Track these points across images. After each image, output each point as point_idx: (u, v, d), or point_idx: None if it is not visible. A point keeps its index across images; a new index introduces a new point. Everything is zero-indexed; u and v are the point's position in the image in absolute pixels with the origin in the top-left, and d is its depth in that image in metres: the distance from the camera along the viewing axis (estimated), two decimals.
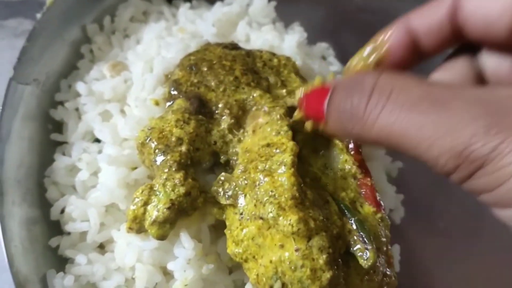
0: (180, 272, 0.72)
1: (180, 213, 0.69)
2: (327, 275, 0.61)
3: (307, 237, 0.62)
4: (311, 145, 0.76)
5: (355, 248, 0.65)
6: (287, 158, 0.68)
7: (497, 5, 0.53)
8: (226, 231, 0.70)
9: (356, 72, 0.63)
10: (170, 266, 0.72)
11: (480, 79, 0.61)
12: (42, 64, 0.91)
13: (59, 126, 0.90)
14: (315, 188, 0.70)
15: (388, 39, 0.63)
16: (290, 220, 0.62)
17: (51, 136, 0.88)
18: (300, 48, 0.96)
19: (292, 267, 0.61)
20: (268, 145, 0.72)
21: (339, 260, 0.64)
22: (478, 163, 0.44)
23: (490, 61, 0.60)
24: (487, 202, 0.45)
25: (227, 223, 0.70)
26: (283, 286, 0.63)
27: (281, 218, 0.63)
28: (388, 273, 0.68)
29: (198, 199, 0.71)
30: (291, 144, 0.70)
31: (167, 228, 0.69)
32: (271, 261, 0.63)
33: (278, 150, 0.70)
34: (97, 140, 0.85)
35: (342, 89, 0.55)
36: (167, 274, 0.75)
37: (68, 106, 0.90)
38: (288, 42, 0.96)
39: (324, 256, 0.61)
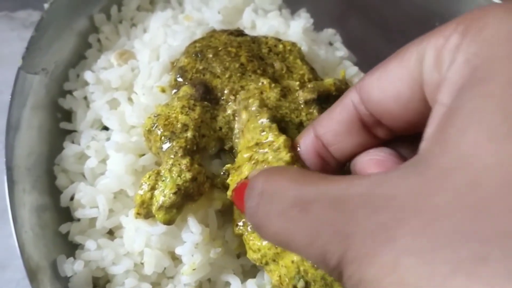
0: (188, 256, 0.72)
1: (186, 198, 0.70)
2: None
3: None
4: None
5: None
6: (285, 157, 0.65)
7: (401, 85, 0.51)
8: (243, 237, 0.70)
9: (266, 169, 0.61)
10: (178, 250, 0.73)
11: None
12: (51, 53, 0.92)
13: (68, 115, 0.91)
14: None
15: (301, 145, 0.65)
16: None
17: (60, 125, 0.90)
18: (306, 34, 0.95)
19: (314, 265, 0.62)
20: (257, 144, 0.70)
21: None
22: (336, 272, 0.41)
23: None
24: None
25: (243, 228, 0.70)
26: (306, 285, 0.63)
27: None
28: None
29: (205, 184, 0.72)
30: (281, 139, 0.67)
31: (174, 213, 0.70)
32: (292, 261, 0.63)
33: (269, 151, 0.68)
34: (105, 128, 0.86)
35: (248, 187, 0.53)
36: (175, 259, 0.76)
37: (77, 95, 0.91)
38: (294, 28, 0.95)
39: None
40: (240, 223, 0.70)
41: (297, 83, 0.80)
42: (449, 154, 0.38)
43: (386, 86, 0.52)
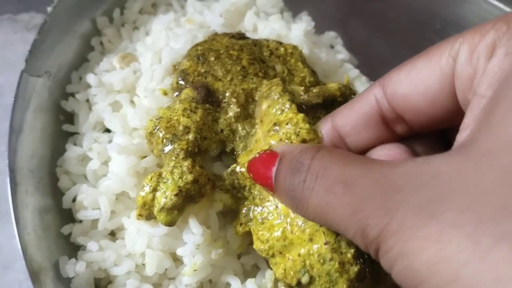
0: (189, 257, 0.73)
1: (187, 199, 0.70)
2: (355, 268, 0.62)
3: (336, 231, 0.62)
4: None
5: None
6: (304, 127, 0.68)
7: (431, 80, 0.54)
8: (251, 227, 0.70)
9: (301, 145, 0.64)
10: (180, 251, 0.74)
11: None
12: (54, 56, 0.93)
13: (70, 117, 0.92)
14: None
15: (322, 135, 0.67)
16: None
17: (62, 127, 0.90)
18: (307, 37, 0.96)
19: (321, 260, 0.62)
20: (275, 125, 0.71)
21: (366, 255, 0.64)
22: (374, 244, 0.44)
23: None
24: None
25: (252, 222, 0.70)
26: (310, 280, 0.64)
27: None
28: None
29: (206, 186, 0.72)
30: (300, 116, 0.70)
31: (175, 214, 0.70)
32: (299, 254, 0.64)
33: (290, 125, 0.69)
34: (108, 130, 0.87)
35: (287, 164, 0.56)
36: (177, 260, 0.76)
37: (79, 98, 0.91)
38: (295, 31, 0.96)
39: (352, 250, 0.62)
40: (250, 212, 0.71)
41: (302, 88, 0.80)
42: (495, 137, 0.40)
43: (415, 82, 0.55)
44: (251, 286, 0.73)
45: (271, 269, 0.73)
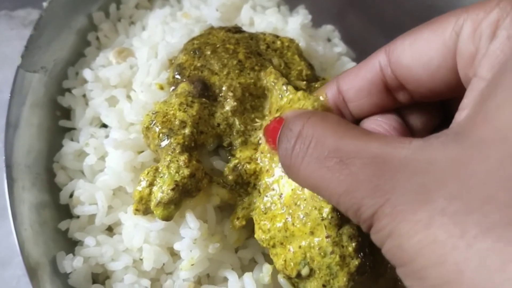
0: (186, 252, 0.73)
1: (184, 194, 0.70)
2: (355, 262, 0.62)
3: (338, 225, 0.62)
4: None
5: None
6: (306, 103, 0.67)
7: (433, 52, 0.54)
8: (253, 216, 0.70)
9: (301, 111, 0.65)
10: (177, 246, 0.74)
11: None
12: (50, 52, 0.93)
13: (67, 113, 0.92)
14: None
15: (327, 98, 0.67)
16: (324, 209, 0.62)
17: (59, 123, 0.90)
18: (304, 30, 0.96)
19: (322, 253, 0.62)
20: (278, 111, 0.71)
21: (366, 249, 0.64)
22: (367, 223, 0.45)
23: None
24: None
25: (254, 211, 0.71)
26: (310, 272, 0.64)
27: (314, 207, 0.63)
28: None
29: (203, 181, 0.72)
30: (300, 93, 0.69)
31: (172, 209, 0.70)
32: (300, 247, 0.64)
33: (292, 105, 0.69)
34: (104, 125, 0.87)
35: (284, 127, 0.57)
36: (174, 255, 0.76)
37: (76, 93, 0.91)
38: (292, 25, 0.96)
39: (354, 244, 0.62)
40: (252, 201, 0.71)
41: (304, 83, 0.80)
42: (490, 126, 0.41)
43: (418, 53, 0.55)
44: (249, 280, 0.73)
45: (269, 263, 0.73)
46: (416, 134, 0.62)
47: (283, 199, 0.66)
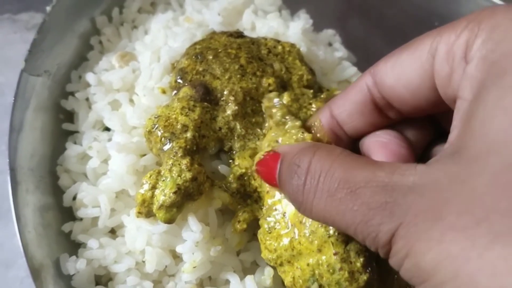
0: (188, 254, 0.73)
1: (186, 197, 0.71)
2: (364, 277, 0.62)
3: (345, 241, 0.62)
4: None
5: None
6: (306, 137, 0.69)
7: (413, 74, 0.56)
8: (259, 236, 0.70)
9: (299, 145, 0.65)
10: (179, 249, 0.74)
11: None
12: (53, 56, 0.94)
13: (70, 116, 0.93)
14: None
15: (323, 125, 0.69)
16: (330, 226, 0.63)
17: (62, 126, 0.91)
18: (305, 35, 0.96)
19: (330, 270, 0.62)
20: (277, 141, 0.72)
21: (374, 263, 0.64)
22: (386, 248, 0.47)
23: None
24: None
25: (260, 229, 0.71)
26: None
27: (320, 225, 0.63)
28: None
29: (205, 184, 0.73)
30: (308, 136, 0.70)
31: (174, 212, 0.71)
32: (308, 264, 0.64)
33: (293, 132, 0.71)
34: (107, 129, 0.88)
35: (287, 163, 0.58)
36: (176, 257, 0.77)
37: (79, 96, 0.92)
38: (293, 29, 0.97)
39: (361, 259, 0.62)
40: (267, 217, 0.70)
41: (311, 91, 0.82)
42: (478, 142, 0.44)
43: (399, 75, 0.58)
44: (250, 283, 0.73)
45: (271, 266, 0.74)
46: (411, 146, 0.64)
47: (287, 218, 0.67)
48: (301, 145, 0.62)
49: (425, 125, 0.65)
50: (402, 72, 0.57)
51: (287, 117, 0.74)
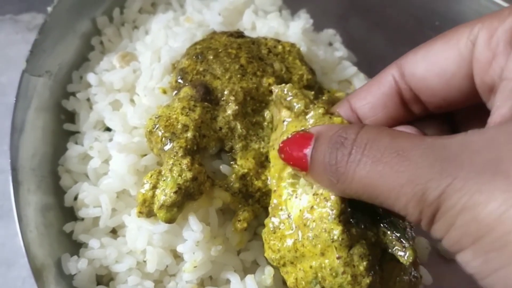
0: (189, 254, 0.74)
1: (187, 197, 0.71)
2: (367, 280, 0.62)
3: (349, 246, 0.62)
4: None
5: (393, 249, 0.65)
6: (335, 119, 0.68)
7: (448, 62, 0.57)
8: (263, 235, 0.70)
9: (337, 124, 0.66)
10: (180, 248, 0.74)
11: None
12: (54, 56, 0.94)
13: (71, 116, 0.93)
14: None
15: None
16: (334, 231, 0.62)
17: (63, 126, 0.92)
18: (305, 35, 0.97)
19: (333, 273, 0.62)
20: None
21: (376, 266, 0.64)
22: (434, 206, 0.47)
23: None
24: (448, 248, 0.48)
25: (265, 229, 0.70)
26: None
27: (324, 230, 0.63)
28: (414, 274, 0.69)
29: (205, 184, 0.73)
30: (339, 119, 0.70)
31: (174, 211, 0.71)
32: (311, 267, 0.64)
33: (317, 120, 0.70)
34: (108, 129, 0.88)
35: (326, 141, 0.57)
36: (177, 257, 0.77)
37: (80, 97, 0.93)
38: (293, 29, 0.97)
39: (365, 263, 0.62)
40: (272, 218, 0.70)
41: (312, 92, 0.81)
42: None
43: (432, 64, 0.58)
44: (251, 282, 0.74)
45: (270, 265, 0.74)
46: None
47: (292, 219, 0.67)
48: (342, 125, 0.63)
49: (443, 124, 0.65)
50: (436, 61, 0.58)
51: (311, 106, 0.72)
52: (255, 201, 0.76)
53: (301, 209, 0.65)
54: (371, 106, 0.65)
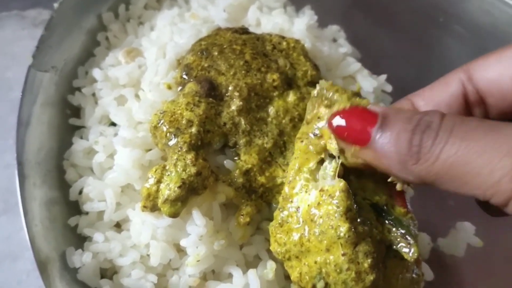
0: (192, 248, 0.74)
1: (191, 191, 0.72)
2: (371, 277, 0.63)
3: (355, 243, 0.63)
4: None
5: (398, 246, 0.66)
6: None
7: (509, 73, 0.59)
8: (270, 228, 0.71)
9: (411, 110, 0.65)
10: (183, 242, 0.75)
11: None
12: (60, 52, 0.95)
13: (77, 111, 0.94)
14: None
15: None
16: (341, 228, 0.63)
17: (69, 121, 0.92)
18: (309, 31, 0.97)
19: (338, 270, 0.63)
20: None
21: (380, 264, 0.65)
22: None
23: None
24: None
25: (273, 221, 0.71)
26: (325, 286, 0.64)
27: (331, 226, 0.63)
28: (416, 271, 0.70)
29: (209, 179, 0.73)
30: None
31: (178, 206, 0.72)
32: (315, 262, 0.65)
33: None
34: (113, 124, 0.89)
35: (403, 122, 0.57)
36: (180, 251, 0.78)
37: (85, 92, 0.93)
38: (298, 25, 0.97)
39: (369, 260, 0.63)
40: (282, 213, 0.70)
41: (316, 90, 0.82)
42: None
43: (506, 68, 0.60)
44: (253, 276, 0.74)
45: (273, 260, 0.74)
46: None
47: (300, 214, 0.67)
48: (416, 111, 0.62)
49: None
50: (509, 64, 0.59)
51: (356, 98, 0.70)
52: (258, 197, 0.76)
53: (309, 204, 0.66)
54: (434, 104, 0.66)
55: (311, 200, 0.65)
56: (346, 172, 0.68)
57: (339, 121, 0.63)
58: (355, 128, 0.61)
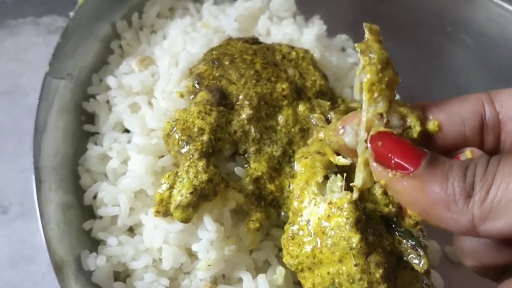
0: (203, 253, 0.76)
1: (202, 198, 0.74)
2: (382, 287, 0.63)
3: (366, 253, 0.64)
4: None
5: (409, 257, 0.66)
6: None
7: None
8: (282, 241, 0.72)
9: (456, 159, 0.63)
10: (195, 247, 0.77)
11: None
12: (75, 59, 0.97)
13: (91, 118, 0.96)
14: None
15: None
16: (352, 239, 0.63)
17: (84, 127, 0.94)
18: (318, 41, 0.99)
19: (350, 280, 0.64)
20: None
21: (391, 274, 0.66)
22: None
23: None
24: None
25: (284, 235, 0.72)
26: None
27: (343, 238, 0.64)
28: (426, 282, 0.70)
29: (220, 185, 0.75)
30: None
31: (190, 211, 0.74)
32: (328, 273, 0.65)
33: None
34: (127, 131, 0.90)
35: (459, 173, 0.56)
36: (192, 255, 0.79)
37: (100, 99, 0.95)
38: (307, 36, 0.99)
39: (381, 271, 0.63)
40: (293, 226, 0.71)
41: (328, 103, 0.84)
42: None
43: None
44: (262, 281, 0.76)
45: (282, 265, 0.76)
46: None
47: (311, 226, 0.68)
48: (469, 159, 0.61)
49: None
50: None
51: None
52: (267, 204, 0.78)
53: (319, 217, 0.67)
54: (448, 120, 0.64)
55: (320, 213, 0.67)
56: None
57: (386, 141, 0.61)
58: (404, 153, 0.59)
